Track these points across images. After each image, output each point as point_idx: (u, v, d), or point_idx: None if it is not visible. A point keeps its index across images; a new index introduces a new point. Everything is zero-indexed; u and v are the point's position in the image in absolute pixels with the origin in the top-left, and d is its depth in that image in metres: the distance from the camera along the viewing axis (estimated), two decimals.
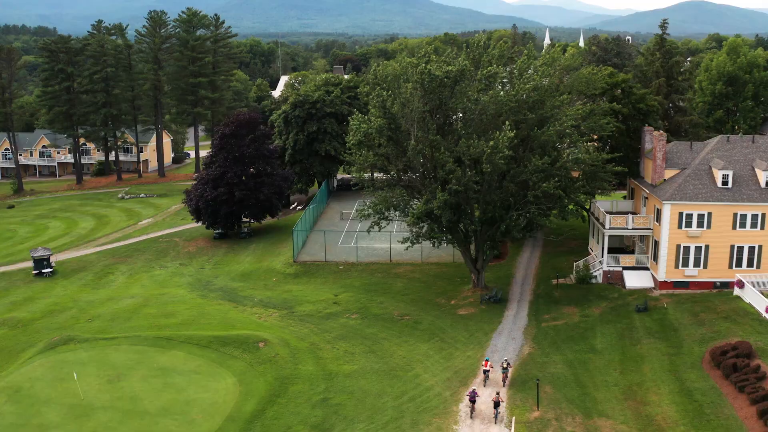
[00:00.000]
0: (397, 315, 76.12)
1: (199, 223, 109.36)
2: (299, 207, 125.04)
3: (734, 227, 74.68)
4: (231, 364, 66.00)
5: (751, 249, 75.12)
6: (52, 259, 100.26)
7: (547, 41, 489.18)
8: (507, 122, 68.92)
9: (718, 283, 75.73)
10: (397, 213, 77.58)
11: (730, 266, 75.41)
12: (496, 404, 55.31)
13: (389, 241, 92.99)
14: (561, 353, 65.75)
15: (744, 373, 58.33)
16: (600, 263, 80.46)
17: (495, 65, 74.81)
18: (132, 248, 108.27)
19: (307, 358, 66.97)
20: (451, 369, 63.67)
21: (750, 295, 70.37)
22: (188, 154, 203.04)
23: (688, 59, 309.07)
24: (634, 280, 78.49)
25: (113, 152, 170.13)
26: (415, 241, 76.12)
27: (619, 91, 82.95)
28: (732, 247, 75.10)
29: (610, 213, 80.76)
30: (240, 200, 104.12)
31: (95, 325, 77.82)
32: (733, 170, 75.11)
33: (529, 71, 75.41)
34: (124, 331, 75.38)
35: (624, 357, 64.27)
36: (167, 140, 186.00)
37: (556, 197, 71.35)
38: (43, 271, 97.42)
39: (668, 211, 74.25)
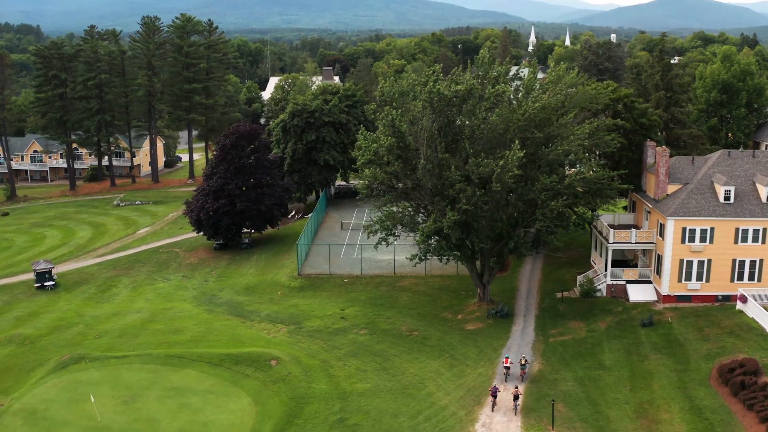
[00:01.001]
0: (406, 330, 76.94)
1: (199, 233, 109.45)
2: (297, 216, 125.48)
3: (736, 242, 75.95)
4: (245, 384, 66.61)
5: (753, 263, 76.42)
6: (54, 271, 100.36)
7: (532, 39, 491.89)
8: (516, 141, 69.74)
9: (720, 297, 77.05)
10: (404, 228, 78.25)
11: (732, 280, 76.72)
12: (516, 397, 60.33)
13: (393, 253, 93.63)
14: (571, 370, 66.76)
15: (752, 390, 59.57)
16: (603, 277, 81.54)
17: (502, 83, 75.76)
18: (132, 259, 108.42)
19: (319, 376, 67.66)
20: (463, 387, 64.54)
21: (753, 310, 71.68)
22: (179, 158, 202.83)
23: (675, 58, 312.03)
24: (638, 294, 79.59)
25: (106, 157, 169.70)
26: (423, 258, 76.84)
27: (621, 105, 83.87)
28: (734, 261, 76.38)
29: (614, 227, 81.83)
30: (241, 211, 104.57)
31: (104, 342, 78.14)
32: (734, 185, 76.32)
33: (536, 87, 76.32)
34: (133, 348, 75.78)
35: (633, 374, 65.35)
36: (159, 144, 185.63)
37: (563, 215, 72.36)
38: (45, 284, 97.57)
39: (672, 226, 75.37)
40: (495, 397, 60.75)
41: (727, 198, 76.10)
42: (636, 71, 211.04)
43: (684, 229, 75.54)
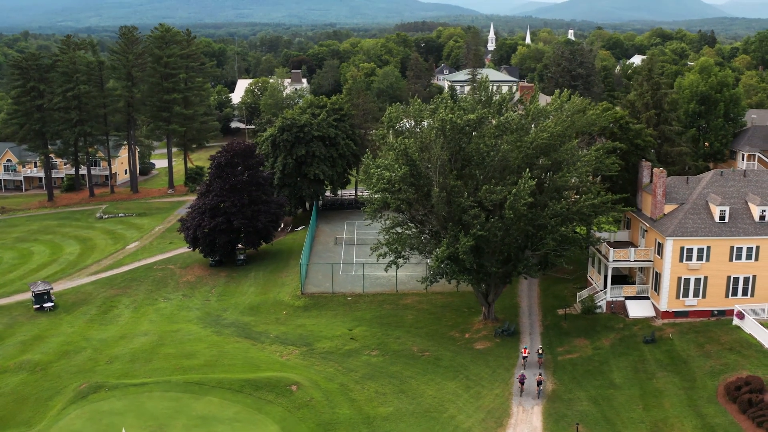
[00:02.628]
0: (417, 351, 78.99)
1: (191, 250, 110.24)
2: (287, 229, 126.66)
3: (731, 259, 79.37)
4: (269, 410, 67.98)
5: (746, 279, 79.95)
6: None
7: (491, 35, 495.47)
8: (527, 170, 72.16)
9: (716, 312, 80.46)
10: (412, 251, 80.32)
11: (727, 296, 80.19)
12: (539, 383, 69.22)
13: (392, 269, 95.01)
14: (583, 389, 69.51)
15: (760, 408, 62.81)
16: (603, 294, 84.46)
17: (506, 109, 78.28)
18: (128, 277, 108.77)
19: (341, 400, 69.39)
20: (483, 409, 66.89)
21: (750, 326, 75.14)
22: (153, 165, 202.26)
23: (636, 59, 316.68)
24: (637, 310, 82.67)
25: (82, 167, 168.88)
26: (434, 281, 79.00)
27: (617, 127, 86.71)
28: (728, 277, 79.82)
29: (612, 245, 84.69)
30: (238, 229, 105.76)
31: (117, 368, 78.82)
32: (728, 205, 79.66)
33: (540, 113, 78.91)
34: (148, 374, 76.66)
35: (643, 392, 68.28)
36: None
37: (573, 239, 75.14)
38: (44, 305, 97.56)
39: (670, 246, 78.49)
40: (522, 384, 69.40)
41: (722, 218, 79.37)
42: (604, 74, 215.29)
43: (682, 248, 78.68)
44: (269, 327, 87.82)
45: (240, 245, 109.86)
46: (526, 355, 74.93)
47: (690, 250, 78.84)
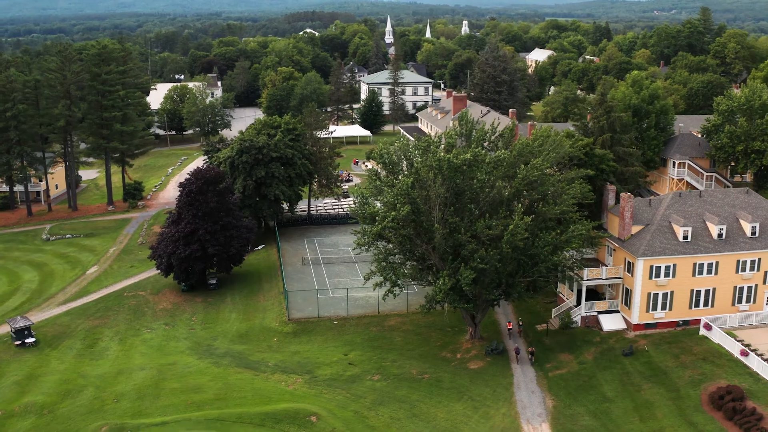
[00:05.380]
0: (416, 374, 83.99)
1: (165, 276, 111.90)
2: (249, 248, 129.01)
3: (694, 275, 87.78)
4: None
5: (707, 291, 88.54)
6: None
7: (389, 28, 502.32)
8: (520, 205, 78.11)
9: (681, 322, 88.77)
10: (407, 281, 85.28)
11: (690, 307, 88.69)
12: (532, 354, 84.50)
13: (370, 290, 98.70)
14: (581, 404, 76.17)
15: (744, 415, 70.87)
16: (578, 309, 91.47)
17: (500, 148, 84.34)
18: (101, 306, 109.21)
19: (361, 429, 73.71)
20: (496, 429, 72.71)
21: (718, 336, 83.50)
22: (81, 177, 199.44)
23: (539, 54, 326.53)
24: (610, 323, 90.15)
25: (17, 185, 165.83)
26: (432, 307, 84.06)
27: (584, 154, 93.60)
28: (692, 291, 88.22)
29: (586, 265, 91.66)
30: (212, 255, 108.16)
31: (127, 407, 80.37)
32: (691, 226, 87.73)
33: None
34: (160, 411, 78.89)
35: (636, 404, 75.44)
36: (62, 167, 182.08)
37: (562, 266, 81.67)
38: (25, 341, 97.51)
39: (641, 265, 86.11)
40: (518, 354, 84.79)
41: (685, 237, 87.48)
42: (521, 75, 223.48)
43: (651, 267, 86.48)
44: (265, 355, 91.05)
45: (211, 270, 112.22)
46: (510, 327, 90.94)
47: (658, 268, 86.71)
